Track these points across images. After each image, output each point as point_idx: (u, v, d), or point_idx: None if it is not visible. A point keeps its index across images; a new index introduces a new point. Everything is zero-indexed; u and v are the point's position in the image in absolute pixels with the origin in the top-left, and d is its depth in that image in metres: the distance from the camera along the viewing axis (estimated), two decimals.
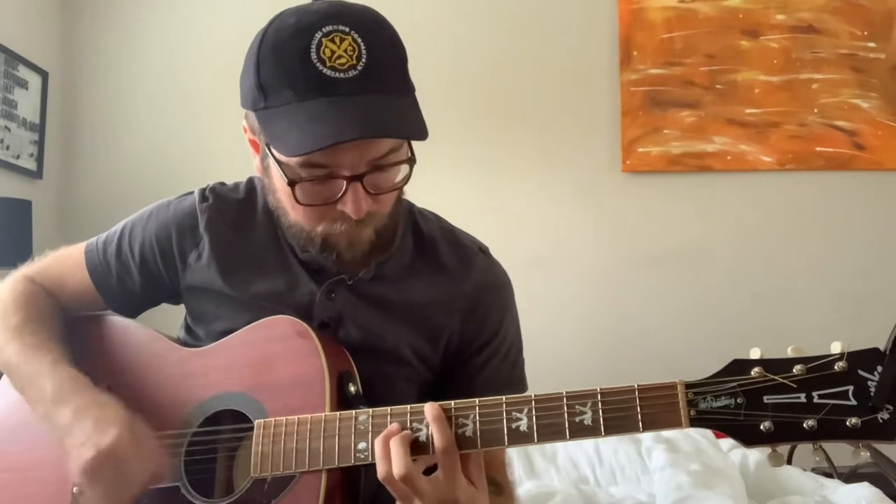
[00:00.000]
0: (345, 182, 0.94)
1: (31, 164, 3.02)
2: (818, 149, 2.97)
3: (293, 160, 0.94)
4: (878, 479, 1.65)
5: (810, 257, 2.97)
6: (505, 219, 3.03)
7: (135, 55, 3.23)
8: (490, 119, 3.11)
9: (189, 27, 3.22)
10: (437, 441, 0.90)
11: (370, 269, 1.08)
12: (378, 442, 0.91)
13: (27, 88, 3.00)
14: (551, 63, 3.11)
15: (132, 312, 1.20)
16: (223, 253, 1.12)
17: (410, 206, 1.17)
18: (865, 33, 2.97)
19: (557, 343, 2.98)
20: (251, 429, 1.00)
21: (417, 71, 1.00)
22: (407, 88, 0.98)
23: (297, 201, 0.97)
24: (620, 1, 3.04)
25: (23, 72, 2.97)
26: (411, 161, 0.98)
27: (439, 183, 2.94)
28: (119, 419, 0.98)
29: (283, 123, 0.92)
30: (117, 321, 1.17)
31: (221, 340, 1.08)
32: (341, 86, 0.90)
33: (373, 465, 0.93)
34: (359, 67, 0.91)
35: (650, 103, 3.02)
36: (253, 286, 1.10)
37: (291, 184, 0.95)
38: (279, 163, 0.96)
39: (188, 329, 1.19)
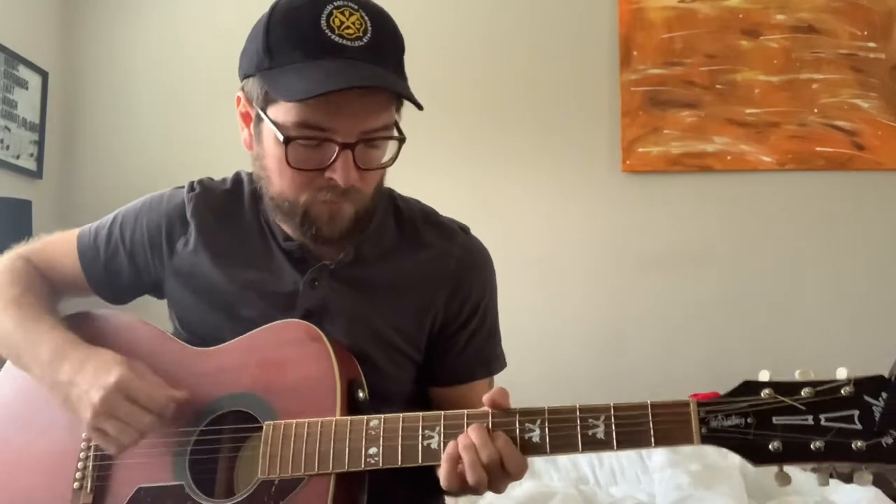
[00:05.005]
0: (337, 148, 0.97)
1: (31, 164, 3.02)
2: (818, 149, 2.96)
3: (290, 120, 0.97)
4: (878, 480, 1.64)
5: (810, 257, 2.96)
6: (505, 219, 3.03)
7: (135, 55, 3.24)
8: (490, 119, 3.10)
9: (189, 27, 3.22)
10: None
11: (349, 252, 1.09)
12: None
13: (27, 88, 3.00)
14: (551, 63, 3.11)
15: (116, 300, 1.22)
16: (209, 239, 1.14)
17: (391, 191, 1.18)
18: (865, 33, 2.97)
19: (556, 342, 2.98)
20: (257, 429, 1.00)
21: (417, 70, 1.01)
22: (403, 74, 1.02)
23: (289, 164, 0.99)
24: (620, 1, 3.04)
25: (23, 72, 2.97)
26: (401, 140, 1.03)
27: (439, 183, 2.94)
28: (118, 360, 1.02)
29: (290, 76, 0.96)
30: (126, 319, 1.18)
31: (232, 341, 1.08)
32: (348, 51, 0.96)
33: (380, 472, 0.96)
34: (364, 40, 0.97)
35: (650, 103, 3.02)
36: (238, 273, 1.11)
37: (287, 142, 0.98)
38: (276, 124, 0.99)
39: (172, 319, 1.20)
